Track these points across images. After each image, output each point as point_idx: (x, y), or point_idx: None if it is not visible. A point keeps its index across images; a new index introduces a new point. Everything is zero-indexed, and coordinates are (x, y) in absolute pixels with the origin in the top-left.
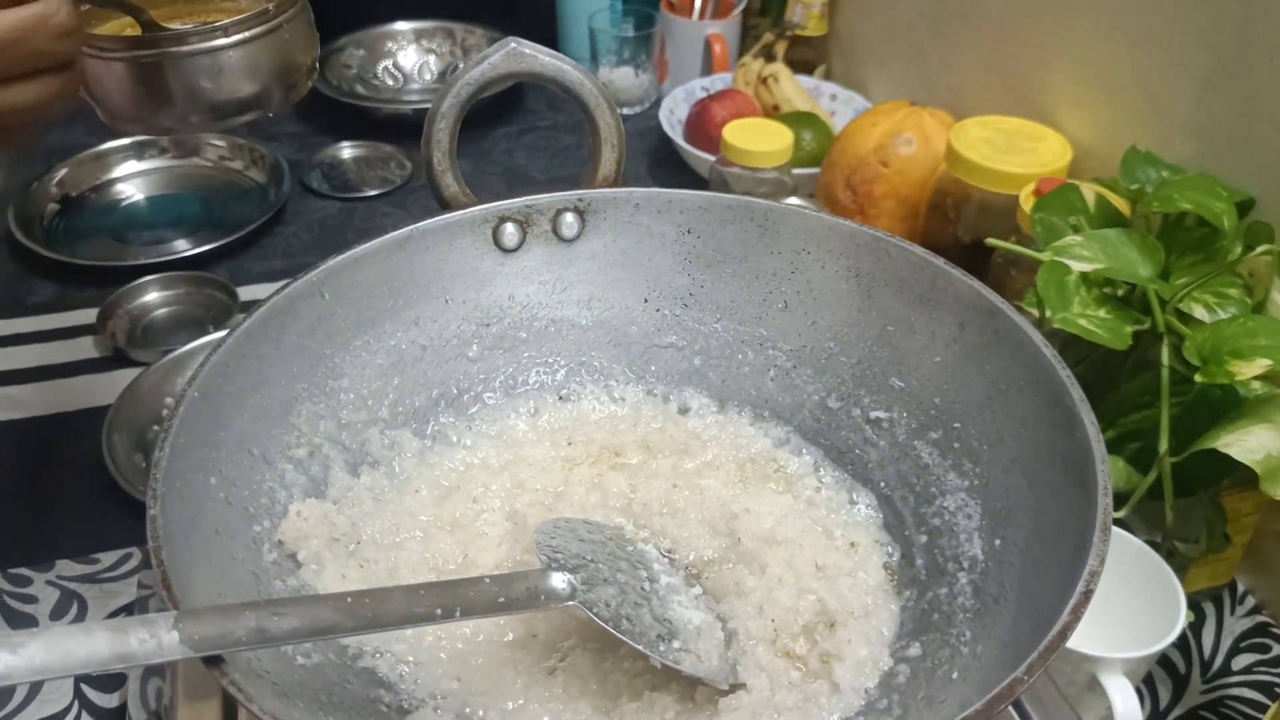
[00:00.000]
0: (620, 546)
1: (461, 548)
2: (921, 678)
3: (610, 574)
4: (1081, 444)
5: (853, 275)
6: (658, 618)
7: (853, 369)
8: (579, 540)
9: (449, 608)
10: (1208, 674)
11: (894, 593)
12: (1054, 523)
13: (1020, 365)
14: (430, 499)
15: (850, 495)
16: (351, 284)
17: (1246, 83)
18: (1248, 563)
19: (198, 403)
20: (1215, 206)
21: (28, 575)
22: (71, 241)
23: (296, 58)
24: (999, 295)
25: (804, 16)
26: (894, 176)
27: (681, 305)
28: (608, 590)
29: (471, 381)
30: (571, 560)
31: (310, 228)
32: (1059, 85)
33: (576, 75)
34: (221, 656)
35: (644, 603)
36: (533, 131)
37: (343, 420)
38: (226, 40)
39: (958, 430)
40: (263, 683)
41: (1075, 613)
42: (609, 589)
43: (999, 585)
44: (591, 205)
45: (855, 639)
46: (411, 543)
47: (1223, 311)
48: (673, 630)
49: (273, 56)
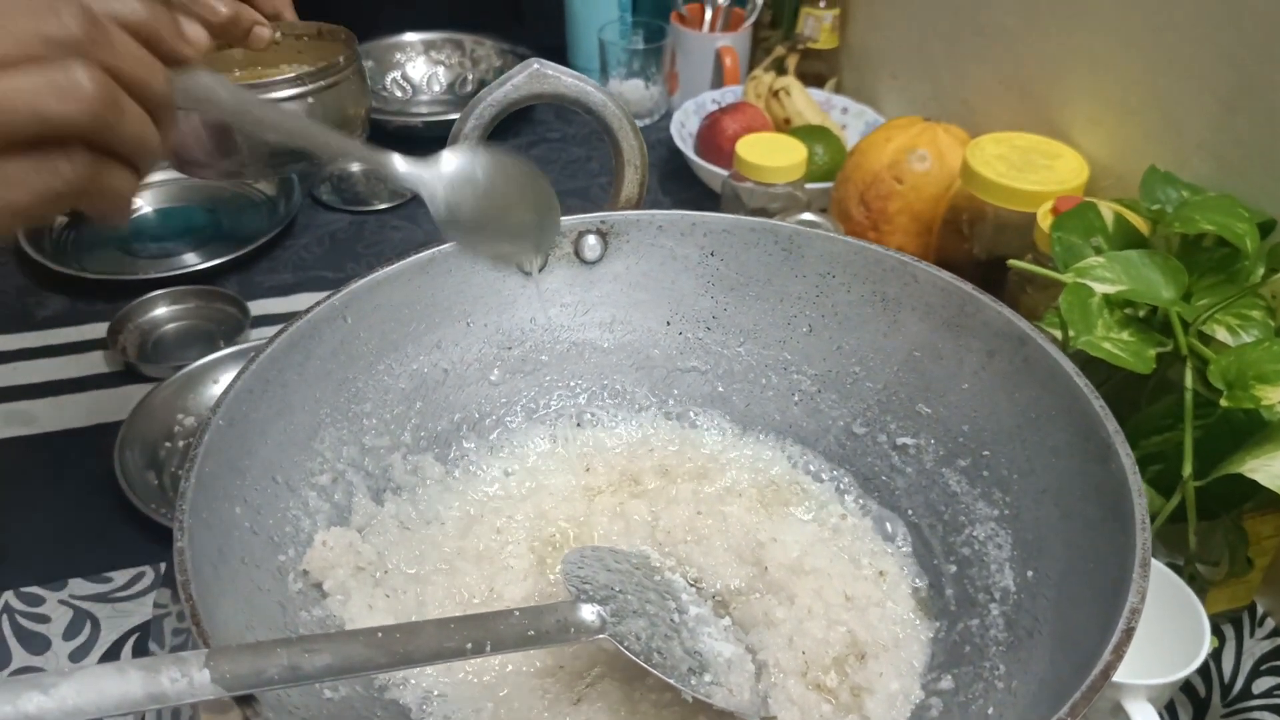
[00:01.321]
0: (648, 576)
1: (487, 581)
2: (955, 711)
3: (640, 605)
4: (1117, 476)
5: (878, 300)
6: (688, 650)
7: (879, 394)
8: (606, 570)
9: (480, 642)
10: (1228, 697)
11: (924, 624)
12: (1089, 555)
13: (1051, 394)
14: (454, 530)
15: (877, 523)
16: (374, 307)
17: (1266, 102)
18: (1268, 585)
19: (223, 430)
20: (1237, 228)
21: (40, 595)
22: (81, 255)
23: (349, 110)
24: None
25: (815, 29)
26: (908, 193)
27: (704, 328)
28: (638, 622)
29: (494, 405)
30: (600, 591)
31: (320, 241)
32: (1075, 102)
33: (600, 97)
34: (254, 695)
35: (674, 635)
36: (543, 144)
37: (366, 445)
38: (289, 93)
39: (987, 459)
40: (293, 718)
41: (1118, 651)
42: (639, 621)
43: (1033, 618)
44: (614, 227)
45: (886, 672)
46: (437, 575)
47: (1245, 334)
48: (704, 663)
49: (329, 110)
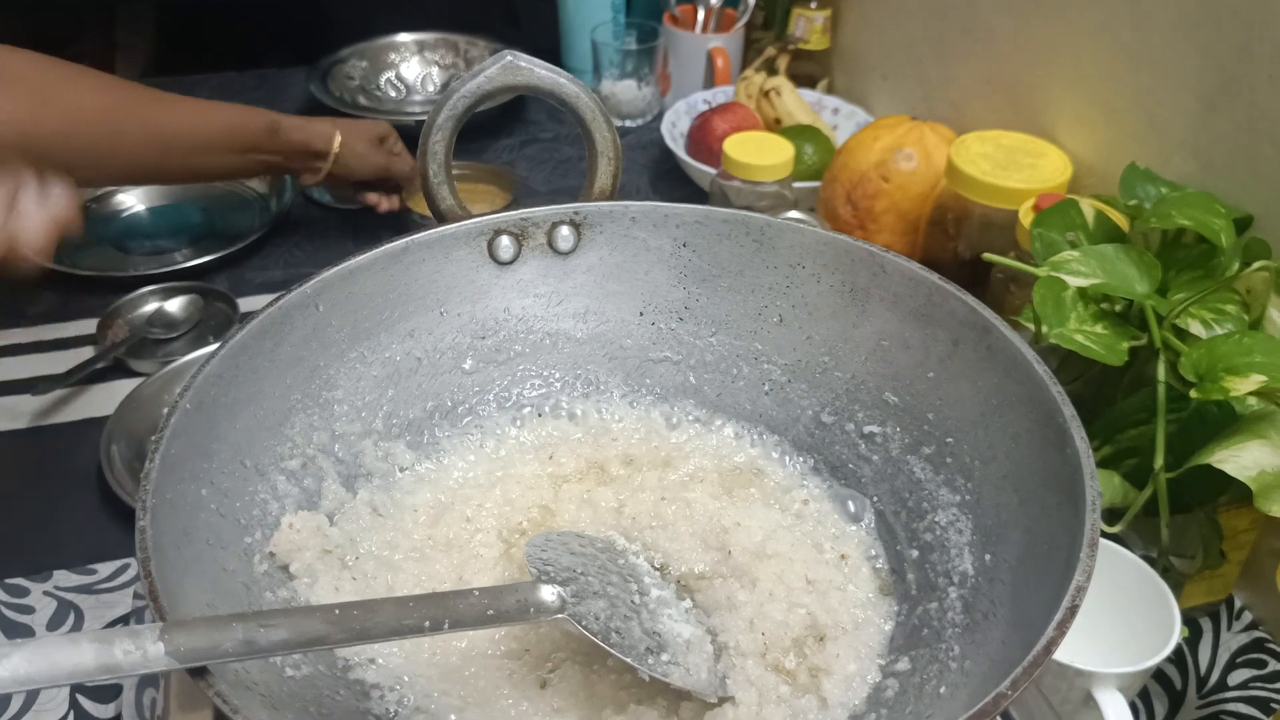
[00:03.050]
0: (612, 559)
1: (456, 570)
2: (910, 693)
3: (601, 587)
4: (1072, 460)
5: (847, 290)
6: (647, 631)
7: (847, 384)
8: (570, 553)
9: (438, 619)
10: (1204, 690)
11: (884, 607)
12: (1045, 539)
13: (1013, 382)
14: (425, 518)
15: (842, 509)
16: (347, 295)
17: (1246, 102)
18: (1245, 579)
19: (190, 414)
20: (1213, 223)
21: (25, 586)
22: (72, 251)
23: None
24: (997, 311)
25: (806, 30)
26: (895, 192)
27: (677, 319)
28: (598, 603)
29: (466, 394)
30: (562, 573)
31: (312, 238)
32: (1060, 102)
33: (573, 88)
34: (208, 668)
35: (634, 616)
36: (535, 143)
37: (337, 432)
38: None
39: (950, 446)
40: (251, 694)
41: (1061, 628)
42: (599, 602)
43: (989, 601)
44: (588, 218)
45: (844, 653)
46: (407, 562)
47: (1219, 328)
48: (662, 643)
49: None
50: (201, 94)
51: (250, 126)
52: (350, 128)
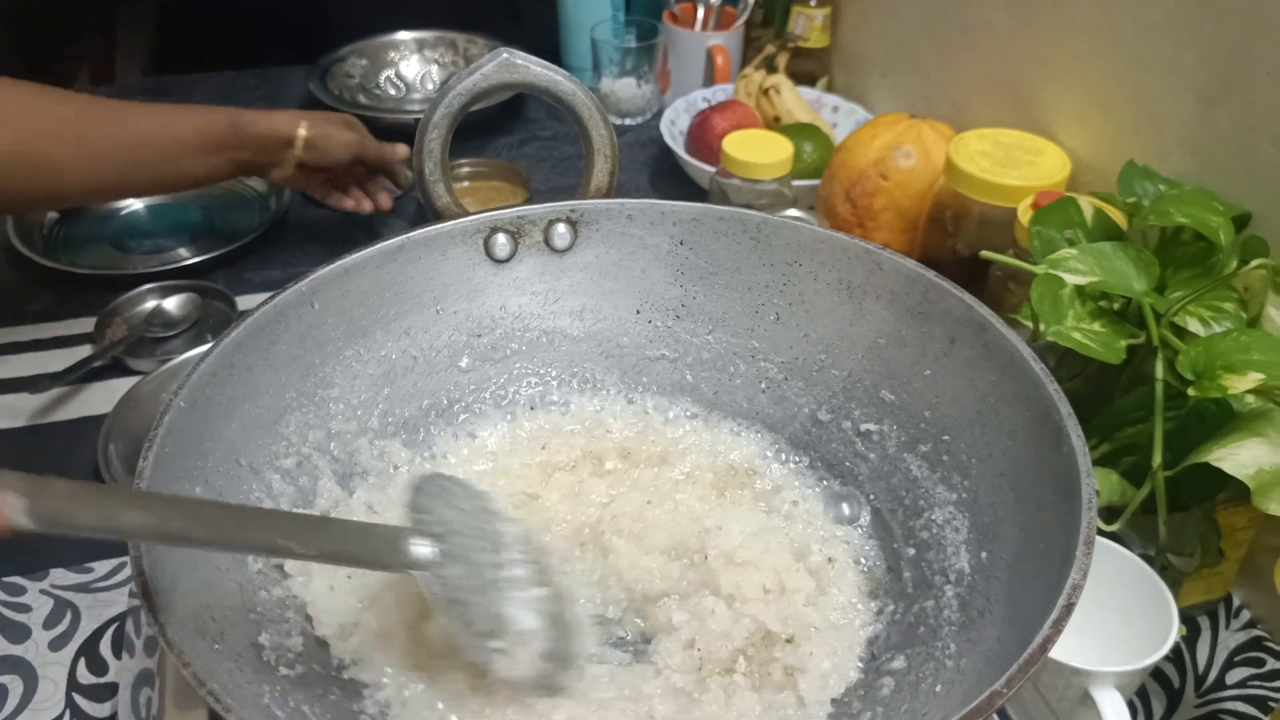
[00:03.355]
0: (487, 521)
1: None
2: (906, 690)
3: (465, 552)
4: (1068, 458)
5: (844, 288)
6: (489, 613)
7: (844, 382)
8: (450, 507)
9: (307, 542)
10: (1202, 688)
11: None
12: (1041, 537)
13: (1010, 379)
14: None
15: (837, 509)
16: (343, 293)
17: (1244, 99)
18: (1243, 577)
19: (185, 412)
20: (1211, 221)
21: (21, 584)
22: (71, 250)
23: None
24: (996, 309)
25: (806, 28)
26: (893, 189)
27: (674, 317)
28: (456, 568)
29: (463, 392)
30: (437, 526)
31: (310, 237)
32: (1059, 99)
33: (569, 86)
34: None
35: (484, 591)
36: (534, 141)
37: (332, 430)
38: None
39: (947, 444)
40: (245, 694)
41: (1056, 626)
42: (458, 567)
43: (985, 599)
44: (584, 216)
45: (818, 652)
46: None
47: (1217, 325)
48: (500, 629)
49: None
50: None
51: (216, 124)
52: (315, 114)
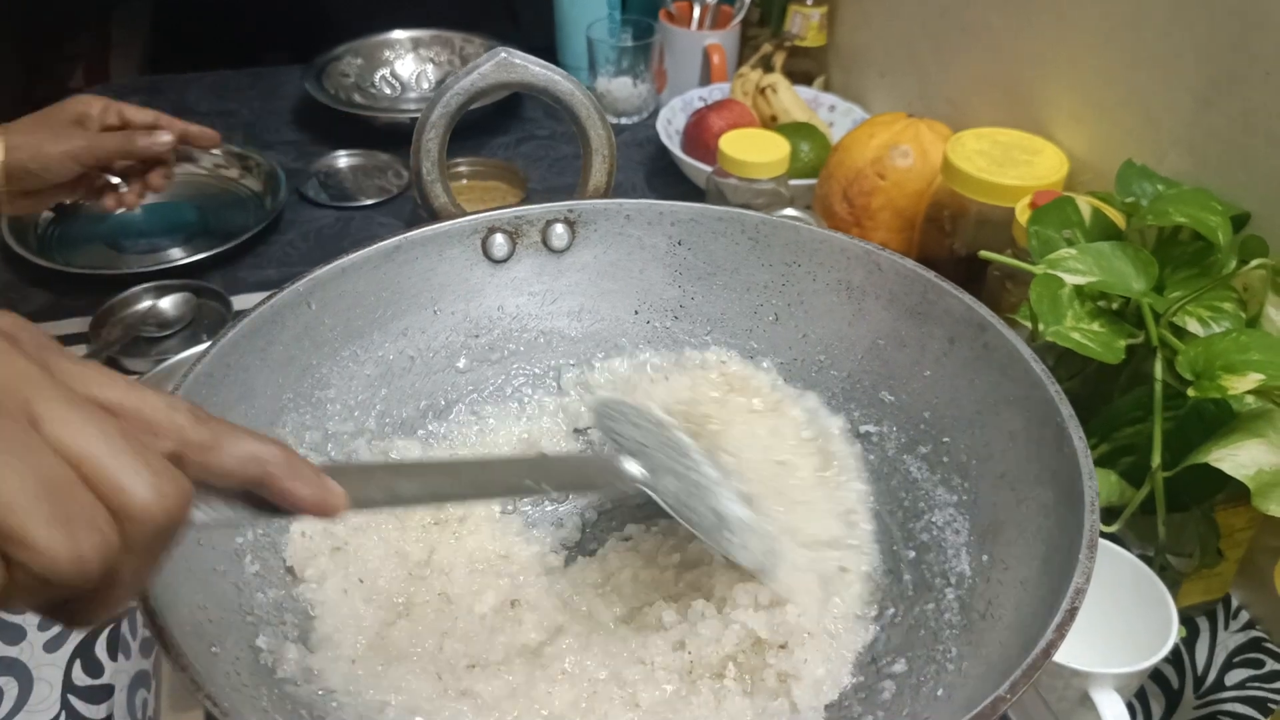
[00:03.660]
0: (666, 433)
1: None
2: (907, 694)
3: (667, 462)
4: (1070, 460)
5: (843, 288)
6: (710, 508)
7: (843, 382)
8: (632, 425)
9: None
10: (1201, 689)
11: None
12: (1041, 538)
13: (1010, 380)
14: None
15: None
16: (339, 294)
17: (1242, 98)
18: (1242, 578)
19: None
20: (1210, 220)
21: None
22: (65, 250)
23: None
24: (994, 309)
25: (803, 27)
26: (891, 189)
27: (672, 317)
28: (668, 479)
29: (460, 392)
30: (631, 444)
31: (306, 237)
32: (1056, 99)
33: (567, 85)
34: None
35: (697, 493)
36: (531, 140)
37: (329, 431)
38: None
39: (947, 445)
40: (241, 697)
41: (1060, 630)
42: (669, 478)
43: (986, 602)
44: (582, 216)
45: (812, 658)
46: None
47: (1216, 325)
48: (725, 521)
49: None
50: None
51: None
52: (23, 122)
